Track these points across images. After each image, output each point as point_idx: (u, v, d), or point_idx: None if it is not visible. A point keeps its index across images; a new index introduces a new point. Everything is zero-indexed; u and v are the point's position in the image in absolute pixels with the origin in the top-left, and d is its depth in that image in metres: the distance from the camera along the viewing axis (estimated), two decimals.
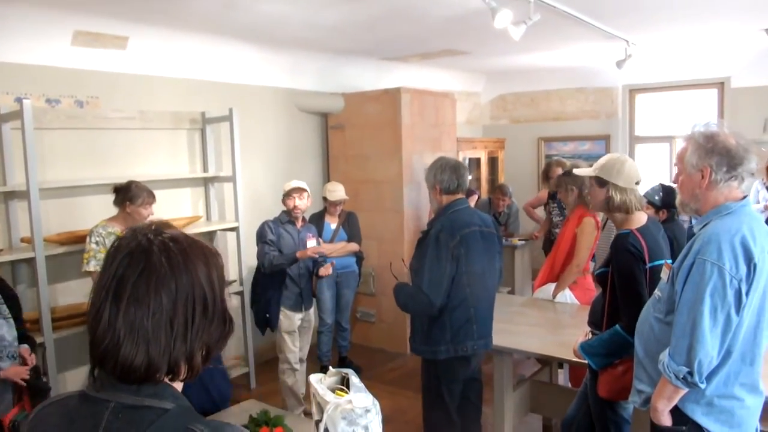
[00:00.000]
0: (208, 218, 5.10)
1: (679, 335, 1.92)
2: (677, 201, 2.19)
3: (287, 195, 4.14)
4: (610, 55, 5.90)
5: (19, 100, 3.74)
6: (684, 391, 1.95)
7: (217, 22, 4.36)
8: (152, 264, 0.98)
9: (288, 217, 4.18)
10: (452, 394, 3.14)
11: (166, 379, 1.00)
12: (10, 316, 3.06)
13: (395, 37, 5.17)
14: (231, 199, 4.99)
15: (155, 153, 4.76)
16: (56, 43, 4.12)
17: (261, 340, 5.45)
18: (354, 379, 1.97)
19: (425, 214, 5.61)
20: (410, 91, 5.62)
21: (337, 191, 4.84)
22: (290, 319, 4.17)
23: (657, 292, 2.16)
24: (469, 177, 3.26)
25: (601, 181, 2.65)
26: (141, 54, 4.56)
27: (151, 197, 3.79)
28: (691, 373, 1.88)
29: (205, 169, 5.05)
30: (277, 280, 4.11)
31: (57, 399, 1.07)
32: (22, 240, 3.92)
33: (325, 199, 4.91)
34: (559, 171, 5.19)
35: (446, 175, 3.08)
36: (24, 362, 3.06)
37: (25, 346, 3.15)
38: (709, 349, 1.87)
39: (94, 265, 3.62)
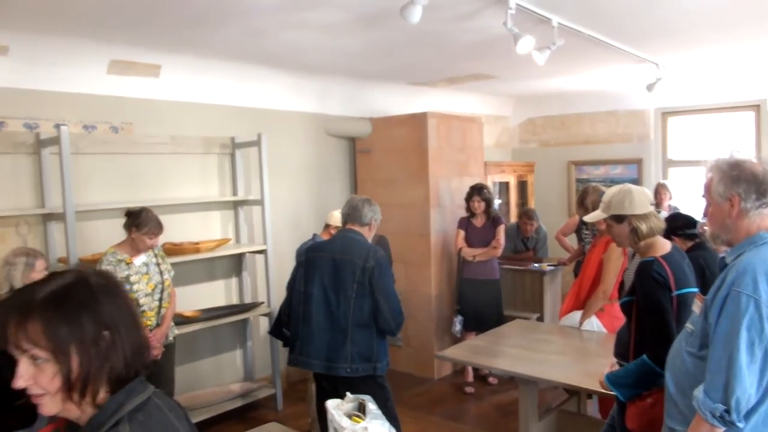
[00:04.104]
0: (238, 241, 5.17)
1: (714, 371, 1.84)
2: (708, 233, 2.13)
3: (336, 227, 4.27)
4: (640, 77, 5.84)
5: (57, 127, 3.89)
6: (720, 430, 1.85)
7: (246, 49, 4.47)
8: None
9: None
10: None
11: None
12: None
13: (421, 62, 5.22)
14: (260, 222, 5.06)
15: (186, 177, 4.86)
16: (93, 72, 4.28)
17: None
18: (371, 406, 1.97)
19: (452, 238, 5.60)
20: (437, 116, 5.65)
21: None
22: None
23: (689, 325, 2.08)
24: (373, 212, 3.42)
25: (618, 218, 2.61)
26: (173, 81, 4.70)
27: (158, 228, 3.76)
28: (728, 411, 1.79)
29: (234, 192, 5.14)
30: None
31: None
32: (59, 260, 4.04)
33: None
34: (596, 198, 5.08)
35: (344, 210, 3.49)
36: None
37: None
38: (746, 386, 1.78)
39: None
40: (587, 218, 2.91)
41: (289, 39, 4.21)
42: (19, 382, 1.05)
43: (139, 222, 3.69)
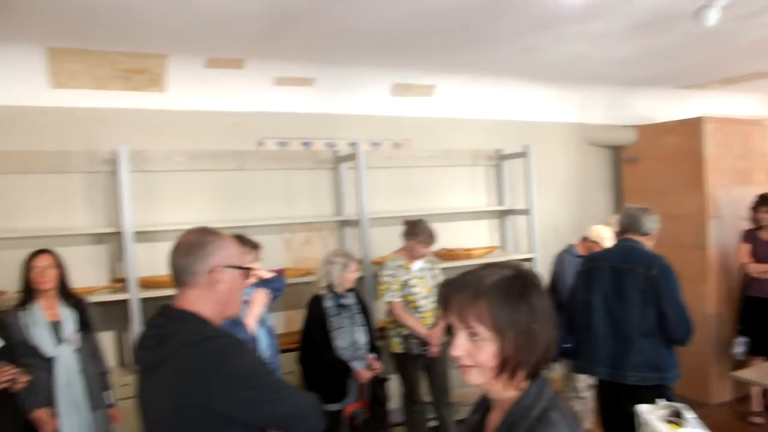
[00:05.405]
0: (503, 248, 5.37)
1: None
2: None
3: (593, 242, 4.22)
4: None
5: (353, 145, 4.46)
6: None
7: (516, 65, 4.66)
8: None
9: (578, 253, 4.28)
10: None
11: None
12: (364, 324, 3.66)
13: (694, 64, 4.93)
14: (523, 231, 5.20)
15: (456, 187, 5.21)
16: (379, 95, 4.83)
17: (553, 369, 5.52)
18: (688, 414, 1.96)
19: (732, 251, 5.17)
20: (714, 120, 5.26)
21: None
22: None
23: None
24: (652, 222, 3.50)
25: None
26: (445, 99, 5.08)
27: (431, 238, 3.97)
28: None
29: (500, 202, 5.36)
30: None
31: None
32: None
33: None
34: None
35: (622, 219, 3.52)
36: (371, 368, 3.61)
37: (372, 355, 3.71)
38: None
39: (390, 296, 3.94)
40: None
41: (560, 52, 4.29)
42: (456, 351, 1.23)
43: (416, 231, 3.98)
